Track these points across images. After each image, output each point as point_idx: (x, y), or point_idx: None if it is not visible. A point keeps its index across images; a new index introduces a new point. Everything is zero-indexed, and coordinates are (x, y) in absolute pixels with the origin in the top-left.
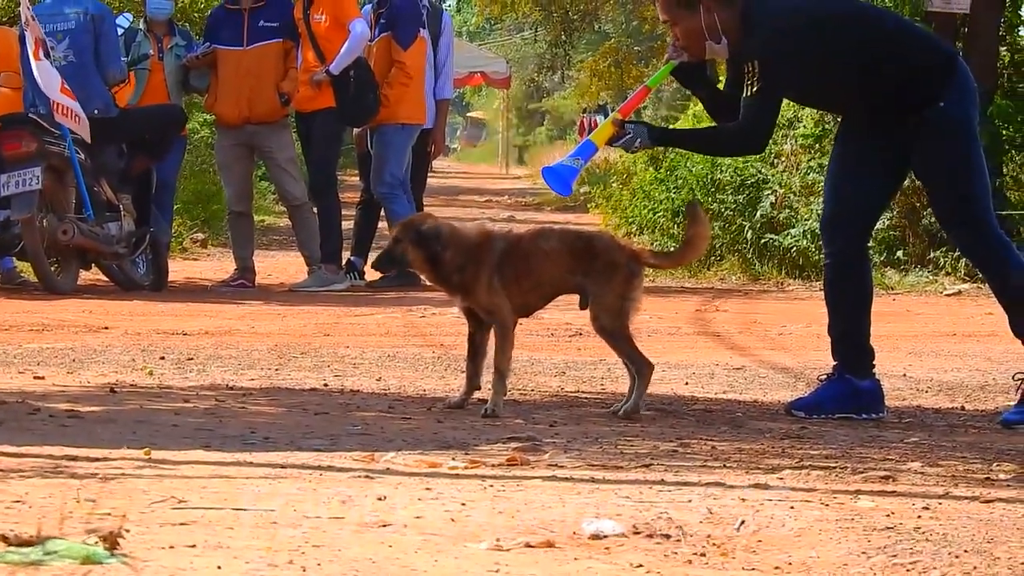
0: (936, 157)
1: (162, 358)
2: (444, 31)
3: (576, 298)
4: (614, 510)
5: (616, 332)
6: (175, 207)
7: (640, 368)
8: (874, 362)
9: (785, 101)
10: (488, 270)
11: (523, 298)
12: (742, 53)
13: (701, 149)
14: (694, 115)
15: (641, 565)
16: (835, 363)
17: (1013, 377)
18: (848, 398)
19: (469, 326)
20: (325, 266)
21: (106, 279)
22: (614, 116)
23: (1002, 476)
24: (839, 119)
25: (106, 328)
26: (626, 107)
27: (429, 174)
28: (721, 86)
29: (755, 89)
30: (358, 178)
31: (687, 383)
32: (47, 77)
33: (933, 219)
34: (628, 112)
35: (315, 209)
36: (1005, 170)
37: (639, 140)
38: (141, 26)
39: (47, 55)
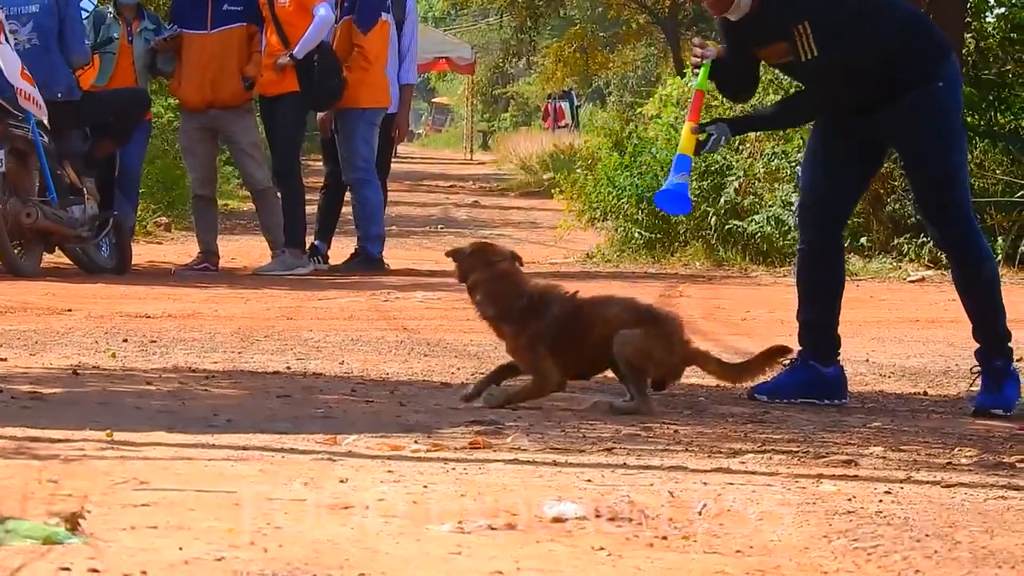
0: (928, 138)
1: (125, 340)
2: (408, 16)
3: None
4: (576, 493)
5: (639, 369)
6: (139, 191)
7: (637, 402)
8: (839, 350)
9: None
10: (536, 334)
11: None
12: (791, 14)
13: (782, 125)
14: (660, 97)
15: (603, 548)
16: (800, 349)
17: (971, 370)
18: (811, 384)
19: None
20: (289, 250)
21: (69, 262)
22: (690, 125)
23: (964, 461)
24: None
25: (69, 310)
26: (694, 114)
27: (393, 159)
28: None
29: (814, 51)
30: (322, 163)
31: None
32: (8, 61)
33: (897, 206)
34: (697, 117)
35: (279, 193)
36: (969, 157)
37: (723, 138)
38: (110, 10)
39: (7, 38)
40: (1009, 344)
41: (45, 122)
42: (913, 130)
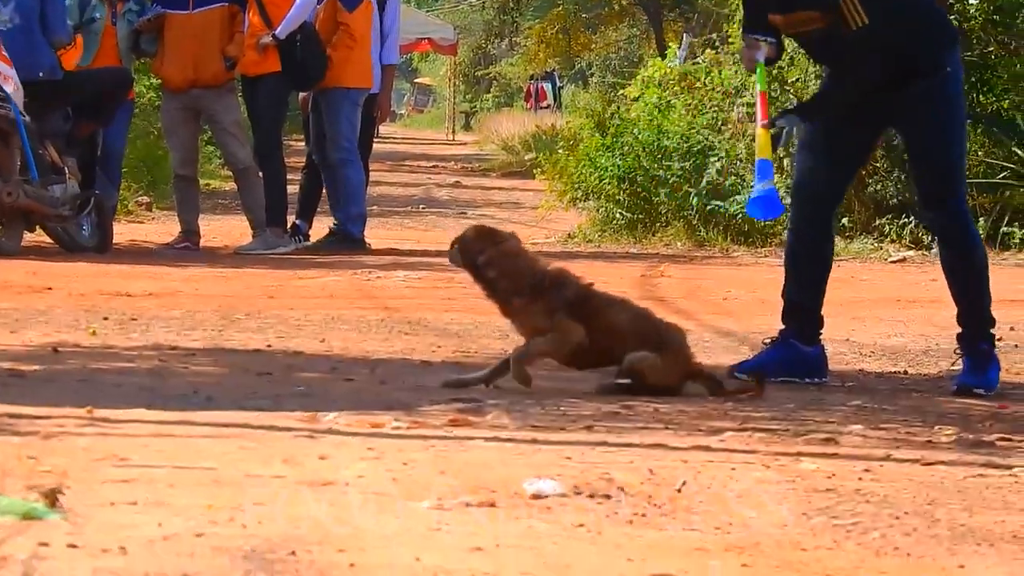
0: (934, 131)
1: (105, 318)
2: None
3: None
4: (556, 470)
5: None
6: (122, 170)
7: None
8: (822, 331)
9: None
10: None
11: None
12: None
13: (847, 100)
14: (642, 78)
15: (582, 525)
16: (782, 328)
17: (955, 351)
18: (792, 363)
19: None
20: (270, 229)
21: (50, 241)
22: (762, 123)
23: (943, 439)
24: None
25: (50, 289)
26: (763, 112)
27: (375, 140)
28: None
29: (863, 18)
30: (303, 142)
31: None
32: None
33: (879, 187)
34: (767, 114)
35: (260, 173)
36: None
37: (794, 128)
38: None
39: None
40: (992, 330)
41: (21, 105)
42: (921, 120)
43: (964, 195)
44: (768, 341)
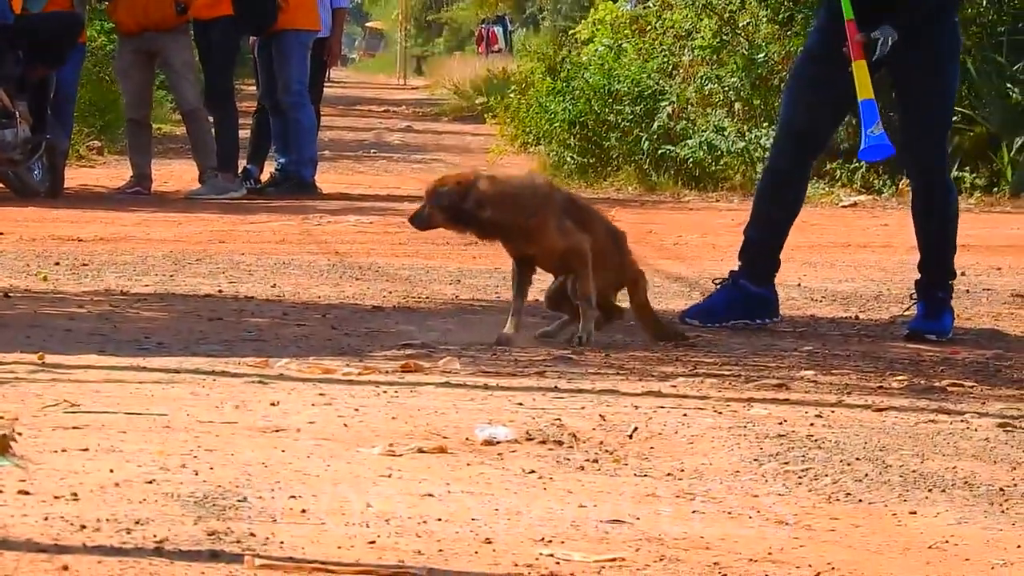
0: (934, 92)
1: (57, 264)
2: None
3: None
4: (507, 416)
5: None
6: (73, 115)
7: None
8: (775, 274)
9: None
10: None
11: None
12: None
13: (932, 5)
14: (593, 21)
15: (534, 471)
16: (734, 269)
17: (911, 296)
18: (740, 304)
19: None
20: (221, 174)
21: (1, 185)
22: (859, 63)
23: (895, 385)
24: (821, 30)
25: (1, 234)
26: (856, 49)
27: (326, 84)
28: None
29: None
30: (254, 87)
31: None
32: None
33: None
34: (860, 51)
35: (211, 117)
36: None
37: (890, 38)
38: None
39: None
40: (952, 282)
41: None
42: (927, 64)
43: (946, 146)
44: (718, 282)
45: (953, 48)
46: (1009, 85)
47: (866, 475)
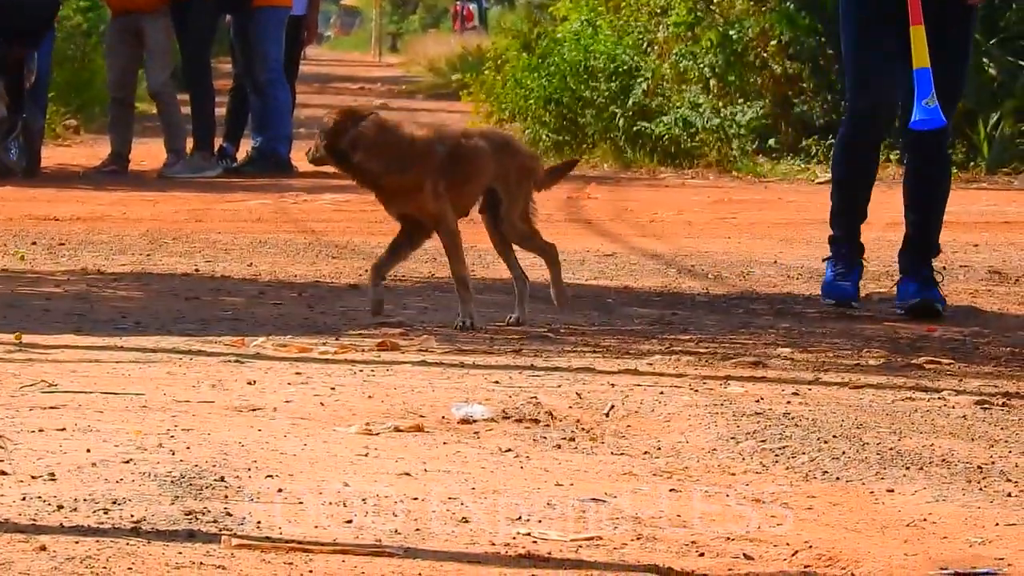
0: (965, 58)
1: (34, 243)
2: None
3: None
4: (484, 395)
5: (531, 232)
6: (49, 94)
7: (553, 256)
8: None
9: None
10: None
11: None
12: None
13: None
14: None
15: (510, 449)
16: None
17: (903, 272)
18: None
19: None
20: (198, 153)
21: None
22: (913, 28)
23: (871, 362)
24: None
25: None
26: (915, 15)
27: (302, 62)
28: None
29: None
30: (231, 65)
31: None
32: None
33: (805, 108)
34: (919, 16)
35: (188, 96)
36: None
37: None
38: None
39: None
40: (935, 260)
41: None
42: (965, 28)
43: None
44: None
45: (974, 24)
46: (985, 60)
47: (843, 453)
